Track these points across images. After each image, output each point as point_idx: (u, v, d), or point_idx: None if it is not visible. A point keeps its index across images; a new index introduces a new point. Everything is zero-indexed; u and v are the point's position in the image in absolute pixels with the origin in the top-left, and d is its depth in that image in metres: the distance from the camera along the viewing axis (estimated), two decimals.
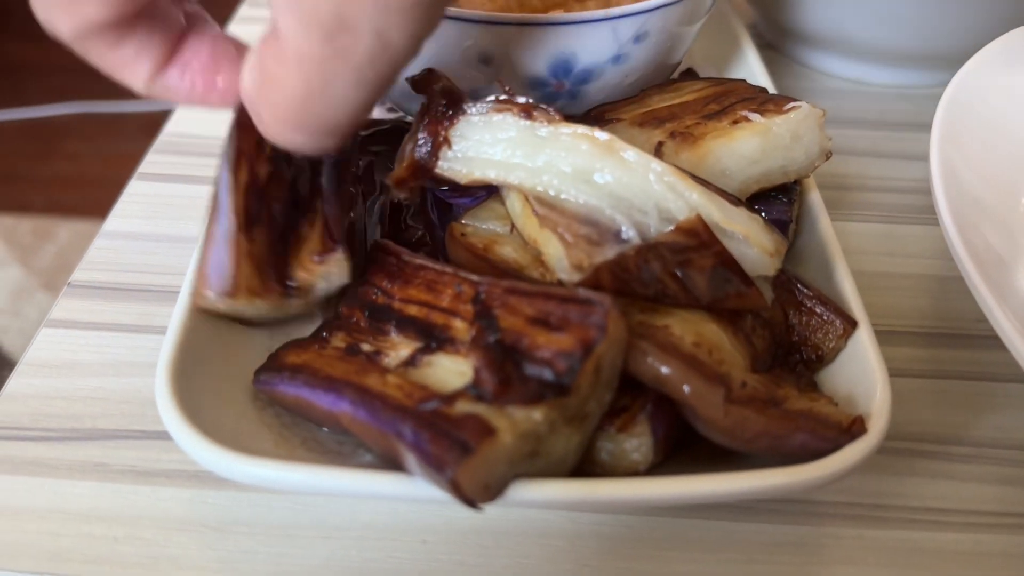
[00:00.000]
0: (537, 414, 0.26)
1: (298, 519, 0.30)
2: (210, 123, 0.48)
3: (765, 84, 0.44)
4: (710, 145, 0.34)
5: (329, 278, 0.33)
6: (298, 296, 0.32)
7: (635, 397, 0.29)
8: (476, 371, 0.27)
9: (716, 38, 0.51)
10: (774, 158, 0.35)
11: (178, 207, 0.43)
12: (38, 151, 2.06)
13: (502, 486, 0.26)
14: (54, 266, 1.76)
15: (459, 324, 0.29)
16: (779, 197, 0.36)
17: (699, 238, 0.29)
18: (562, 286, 0.29)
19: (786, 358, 0.32)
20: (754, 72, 0.46)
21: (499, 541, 0.30)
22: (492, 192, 0.34)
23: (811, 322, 0.32)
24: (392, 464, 0.27)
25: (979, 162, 0.39)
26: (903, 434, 0.34)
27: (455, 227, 0.34)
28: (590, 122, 0.36)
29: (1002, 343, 0.30)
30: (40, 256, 1.79)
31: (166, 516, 0.30)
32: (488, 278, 0.30)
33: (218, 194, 0.32)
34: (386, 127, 0.42)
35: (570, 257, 0.30)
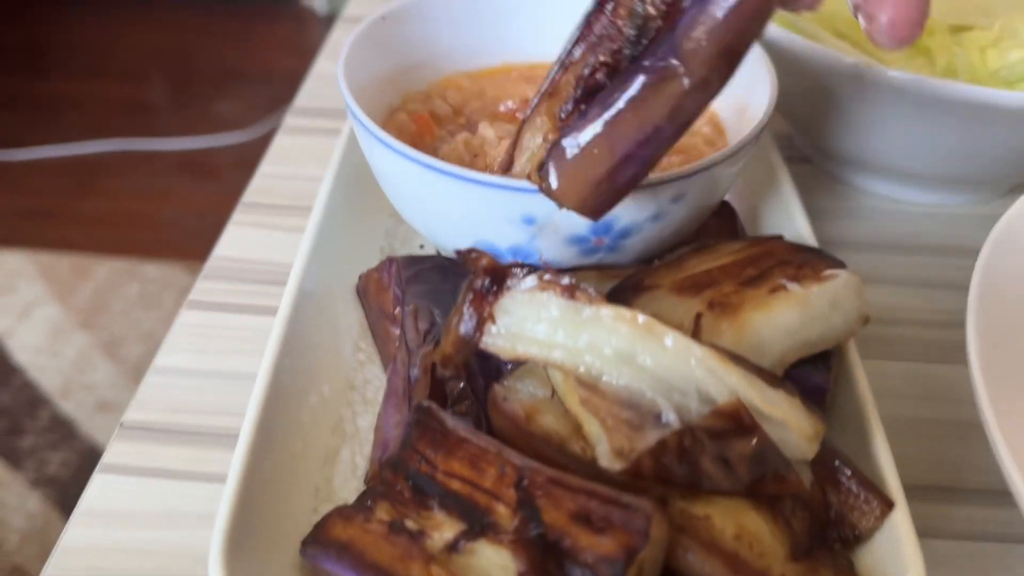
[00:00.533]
0: None
1: None
2: (258, 246, 0.50)
3: (796, 211, 0.45)
4: (748, 316, 0.34)
5: None
6: None
7: None
8: (519, 575, 0.27)
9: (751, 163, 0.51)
10: (813, 328, 0.35)
11: (227, 339, 0.44)
12: (76, 188, 2.11)
13: None
14: (92, 305, 1.79)
15: (502, 510, 0.30)
16: (817, 363, 0.36)
17: (740, 423, 0.30)
18: (603, 477, 0.30)
19: (823, 535, 0.33)
20: (784, 195, 0.47)
21: None
22: None
23: (848, 501, 0.33)
24: None
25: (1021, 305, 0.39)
26: None
27: (497, 391, 0.35)
28: (628, 291, 0.37)
29: None
30: (78, 294, 1.82)
31: None
32: (531, 463, 0.31)
33: None
34: (427, 266, 0.43)
35: (611, 442, 0.31)
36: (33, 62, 2.51)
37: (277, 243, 0.50)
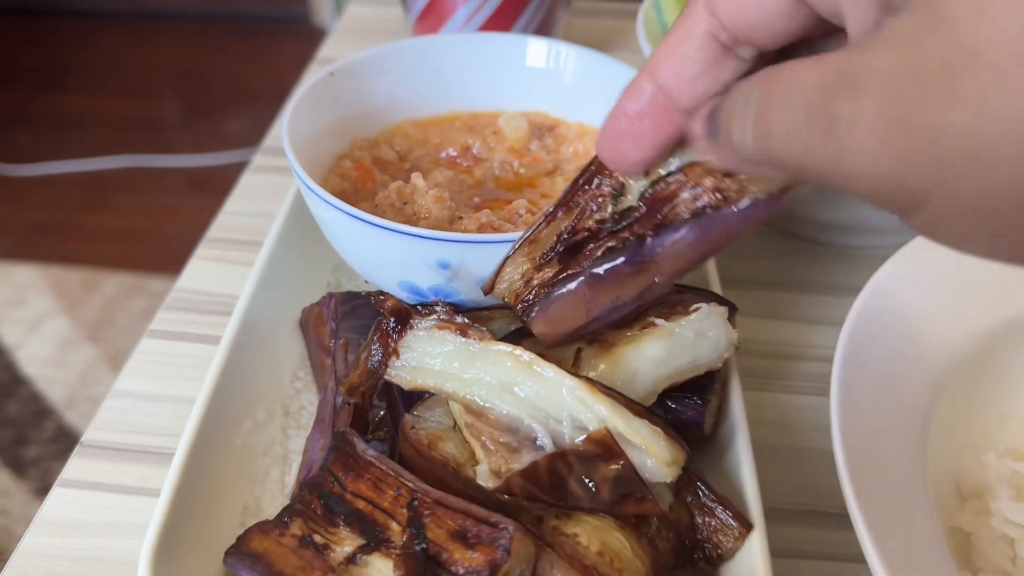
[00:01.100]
0: None
1: None
2: (215, 279, 0.54)
3: None
4: (622, 350, 0.38)
5: None
6: None
7: None
8: None
9: None
10: (681, 356, 0.39)
11: (180, 366, 0.49)
12: (87, 203, 2.16)
13: None
14: (99, 318, 1.84)
15: (395, 526, 0.34)
16: (694, 398, 0.40)
17: (607, 448, 0.34)
18: (490, 498, 0.34)
19: (691, 554, 0.37)
20: None
21: None
22: None
23: (713, 523, 0.36)
24: None
25: (887, 349, 0.42)
26: None
27: (407, 420, 0.39)
28: (519, 333, 0.41)
29: None
30: (86, 308, 1.87)
31: None
32: (423, 486, 0.35)
33: None
34: (363, 302, 0.47)
35: (490, 463, 0.35)
36: (48, 80, 2.58)
37: (235, 276, 0.54)
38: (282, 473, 0.42)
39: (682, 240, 0.34)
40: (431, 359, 0.37)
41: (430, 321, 0.37)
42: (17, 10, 2.81)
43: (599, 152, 0.35)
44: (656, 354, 0.38)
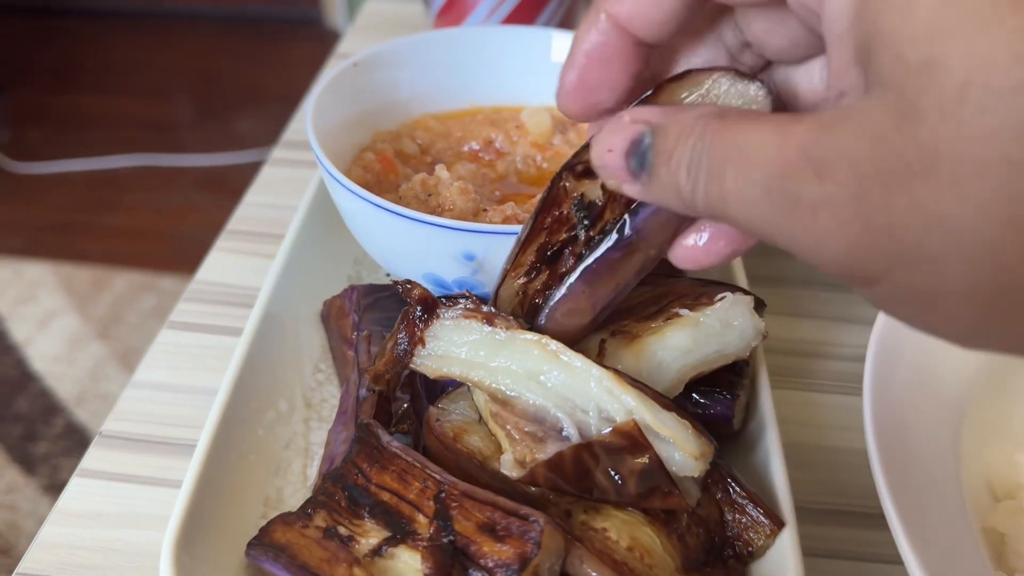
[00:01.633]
0: None
1: None
2: (236, 272, 0.54)
3: None
4: (646, 341, 0.38)
5: None
6: None
7: None
8: None
9: None
10: (708, 345, 0.38)
11: (201, 357, 0.48)
12: (99, 202, 2.16)
13: None
14: (109, 316, 1.84)
15: (421, 519, 0.34)
16: (724, 392, 0.39)
17: (634, 441, 0.33)
18: (517, 491, 0.34)
19: (720, 551, 0.36)
20: None
21: None
22: None
23: (743, 520, 0.36)
24: None
25: (918, 347, 0.42)
26: None
27: (431, 413, 0.38)
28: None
29: None
30: (96, 305, 1.87)
31: None
32: (449, 478, 0.34)
33: None
34: (385, 294, 0.47)
35: (515, 453, 0.34)
36: (61, 79, 2.58)
37: (255, 268, 0.54)
38: (304, 465, 0.41)
39: (660, 211, 0.32)
40: (457, 348, 0.36)
41: (457, 310, 0.37)
42: (32, 10, 2.83)
43: (561, 105, 0.33)
44: (681, 343, 0.37)
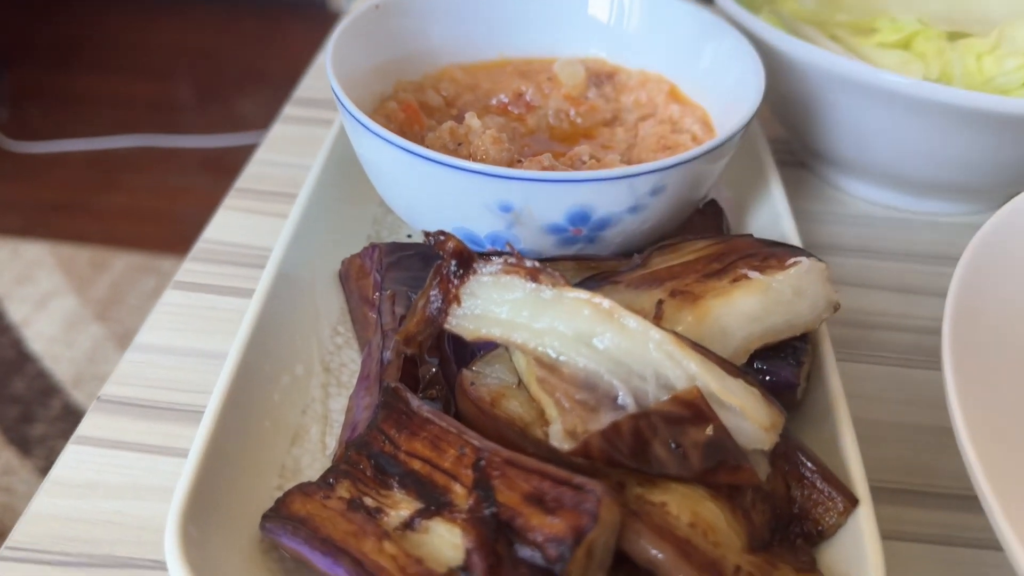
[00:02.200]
0: None
1: None
2: (247, 231, 0.50)
3: (784, 212, 0.45)
4: (710, 304, 0.34)
5: None
6: None
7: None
8: (467, 552, 0.27)
9: (738, 159, 0.51)
10: (776, 314, 0.35)
11: (208, 319, 0.44)
12: (98, 182, 2.13)
13: None
14: (108, 297, 1.81)
15: (458, 489, 0.30)
16: (788, 358, 0.36)
17: (697, 410, 0.30)
18: (563, 460, 0.30)
19: (787, 530, 0.32)
20: (773, 197, 0.46)
21: None
22: None
23: (812, 496, 0.32)
24: None
25: (1000, 315, 0.38)
26: None
27: (465, 376, 0.35)
28: (589, 283, 0.37)
29: None
30: (95, 287, 1.84)
31: None
32: (490, 444, 0.31)
33: None
34: (409, 253, 0.43)
35: (564, 423, 0.31)
36: (61, 57, 2.54)
37: (265, 228, 0.50)
38: (322, 433, 0.38)
39: None
40: (497, 307, 0.33)
41: (495, 265, 0.33)
42: None
43: None
44: (749, 310, 0.34)
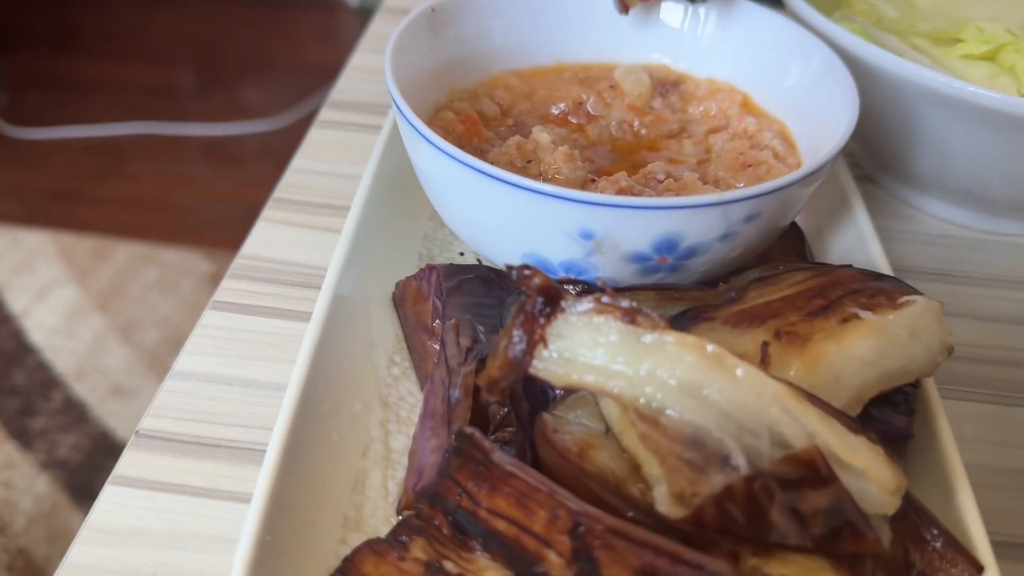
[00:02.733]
0: None
1: None
2: (286, 245, 0.47)
3: (868, 235, 0.42)
4: (820, 348, 0.31)
5: None
6: None
7: None
8: None
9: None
10: (892, 358, 0.32)
11: (251, 344, 0.41)
12: (100, 170, 2.10)
13: None
14: (109, 287, 1.78)
15: (554, 559, 0.27)
16: (900, 406, 0.33)
17: (816, 471, 0.27)
18: (665, 524, 0.27)
19: None
20: (857, 222, 0.44)
21: None
22: None
23: (933, 563, 0.30)
24: None
25: None
26: None
27: (547, 421, 0.32)
28: (684, 321, 0.34)
29: None
30: (97, 276, 1.81)
31: None
32: (589, 508, 0.28)
33: None
34: (470, 276, 0.40)
35: (671, 485, 0.28)
36: (65, 44, 2.50)
37: (309, 243, 0.47)
38: (384, 477, 0.35)
39: None
40: (588, 350, 0.30)
41: (586, 304, 0.30)
42: None
43: None
44: (864, 354, 0.31)
